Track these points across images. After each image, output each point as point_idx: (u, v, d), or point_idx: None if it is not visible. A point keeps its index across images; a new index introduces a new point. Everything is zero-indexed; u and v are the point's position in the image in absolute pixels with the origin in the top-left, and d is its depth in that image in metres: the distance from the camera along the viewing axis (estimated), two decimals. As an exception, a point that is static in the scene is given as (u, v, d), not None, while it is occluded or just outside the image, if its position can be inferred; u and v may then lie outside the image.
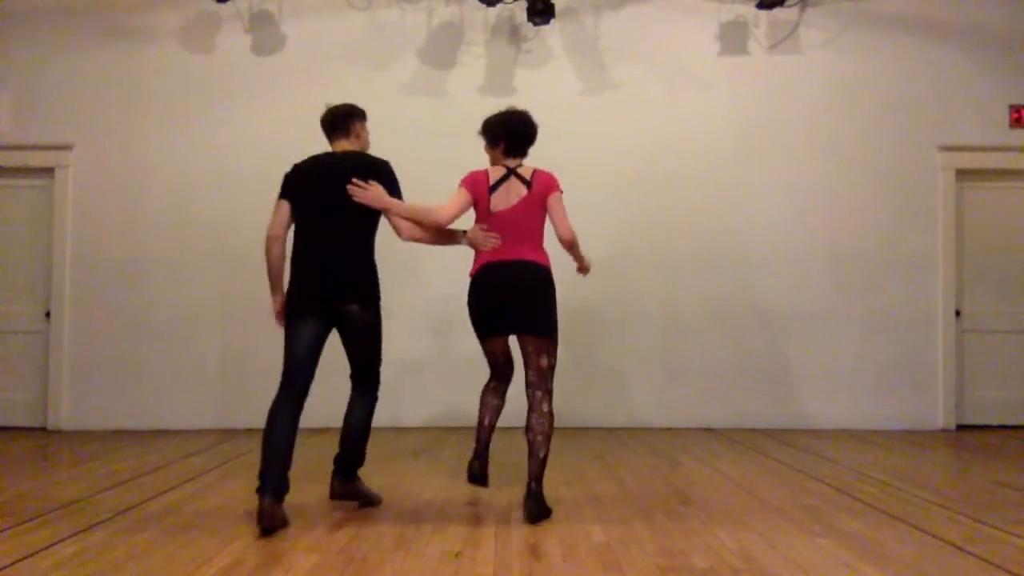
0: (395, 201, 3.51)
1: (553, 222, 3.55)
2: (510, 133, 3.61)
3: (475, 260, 3.60)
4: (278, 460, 3.27)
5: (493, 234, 3.52)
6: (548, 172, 3.60)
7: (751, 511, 3.51)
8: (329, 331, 3.50)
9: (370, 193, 3.45)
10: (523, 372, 3.53)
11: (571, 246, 3.59)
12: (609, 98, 6.17)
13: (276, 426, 3.32)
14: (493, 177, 3.59)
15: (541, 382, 3.48)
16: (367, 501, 3.62)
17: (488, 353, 3.66)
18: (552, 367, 3.53)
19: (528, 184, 3.54)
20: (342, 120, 3.63)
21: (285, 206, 3.50)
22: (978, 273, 6.23)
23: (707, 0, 6.19)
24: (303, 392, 3.42)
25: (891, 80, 6.19)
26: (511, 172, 3.58)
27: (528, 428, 3.44)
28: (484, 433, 3.63)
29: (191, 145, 6.10)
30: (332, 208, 3.44)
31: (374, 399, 3.64)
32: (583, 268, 3.79)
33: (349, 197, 3.42)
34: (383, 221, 3.56)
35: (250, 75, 6.13)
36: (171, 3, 6.15)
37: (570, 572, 2.69)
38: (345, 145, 3.62)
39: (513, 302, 3.47)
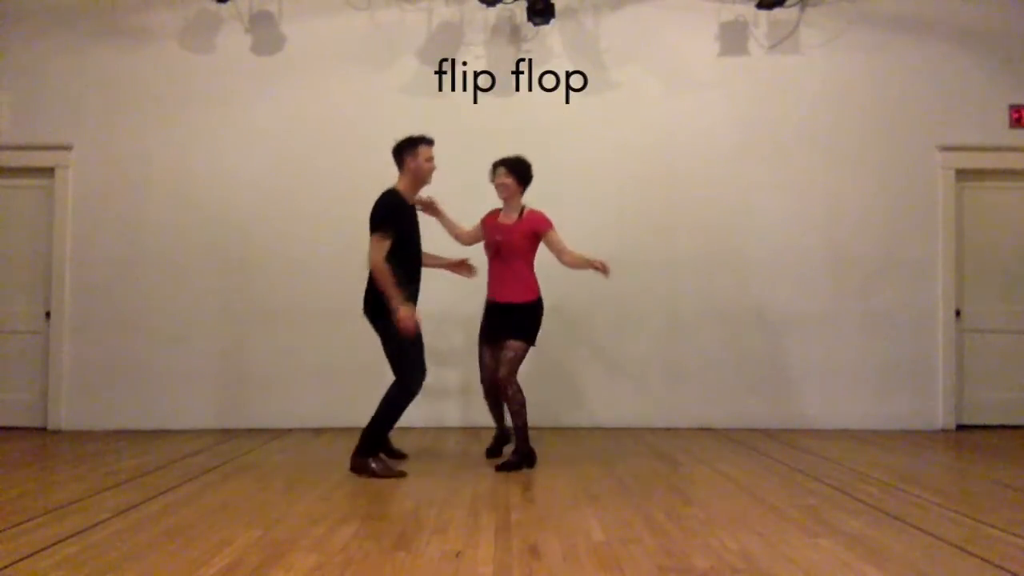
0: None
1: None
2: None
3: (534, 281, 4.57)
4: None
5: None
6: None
7: (751, 511, 3.51)
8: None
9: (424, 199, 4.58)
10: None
11: None
12: (609, 98, 6.16)
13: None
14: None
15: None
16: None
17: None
18: None
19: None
20: (394, 156, 4.37)
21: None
22: (978, 273, 6.23)
23: (707, 0, 6.19)
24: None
25: (891, 80, 6.19)
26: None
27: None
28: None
29: (191, 145, 6.10)
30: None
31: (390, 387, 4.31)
32: None
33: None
34: None
35: (250, 75, 6.13)
36: (171, 3, 6.14)
37: (570, 572, 2.69)
38: (399, 179, 4.33)
39: None
